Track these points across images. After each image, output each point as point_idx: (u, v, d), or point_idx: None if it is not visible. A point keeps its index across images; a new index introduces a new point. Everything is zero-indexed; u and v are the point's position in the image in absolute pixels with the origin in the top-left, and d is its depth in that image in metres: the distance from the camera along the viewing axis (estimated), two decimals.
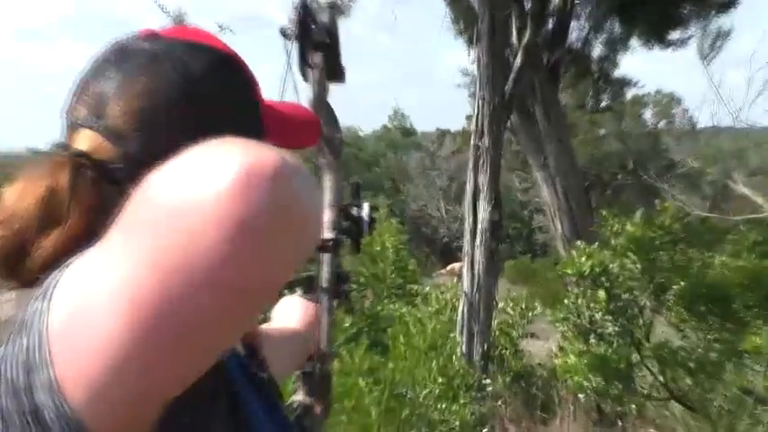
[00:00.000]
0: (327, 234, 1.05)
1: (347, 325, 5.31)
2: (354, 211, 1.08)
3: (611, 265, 5.19)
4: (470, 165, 6.99)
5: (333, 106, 1.05)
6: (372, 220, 1.08)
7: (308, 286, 1.20)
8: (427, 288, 9.87)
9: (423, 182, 31.19)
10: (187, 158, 0.54)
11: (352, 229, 1.08)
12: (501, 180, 7.07)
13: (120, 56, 0.73)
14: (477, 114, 6.81)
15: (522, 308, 8.49)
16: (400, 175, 33.88)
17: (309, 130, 0.90)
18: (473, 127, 6.92)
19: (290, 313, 1.21)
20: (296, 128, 0.86)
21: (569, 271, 5.47)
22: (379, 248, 8.15)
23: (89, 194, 0.67)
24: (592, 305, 5.42)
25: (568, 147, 8.50)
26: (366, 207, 1.08)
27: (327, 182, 1.06)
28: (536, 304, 8.79)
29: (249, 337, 0.89)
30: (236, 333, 0.59)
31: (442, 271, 25.24)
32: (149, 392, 0.53)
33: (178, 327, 0.51)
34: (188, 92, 0.71)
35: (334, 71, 1.02)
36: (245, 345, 0.89)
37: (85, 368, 0.51)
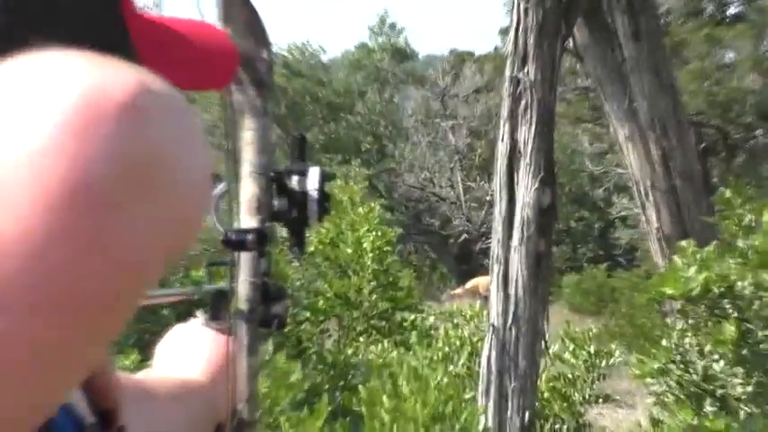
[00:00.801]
0: (246, 221, 1.05)
1: (295, 378, 5.32)
2: (294, 182, 1.08)
3: (740, 283, 5.23)
4: (505, 112, 7.00)
5: (258, 8, 1.05)
6: (325, 198, 1.08)
7: (216, 308, 1.22)
8: (431, 318, 9.89)
9: (427, 139, 31.33)
10: None
11: (290, 213, 1.09)
12: (557, 138, 7.11)
13: None
14: (518, 27, 6.79)
15: (590, 352, 8.56)
16: (389, 127, 33.93)
17: (218, 60, 0.90)
18: (509, 47, 6.91)
19: (183, 353, 1.22)
20: (194, 55, 0.88)
21: (670, 291, 5.50)
22: (350, 250, 8.18)
23: None
24: (709, 348, 5.46)
25: (671, 82, 8.53)
26: (315, 175, 1.09)
27: (247, 133, 1.06)
28: (614, 347, 8.85)
29: (100, 390, 0.88)
30: (67, 374, 0.59)
31: (458, 290, 25.21)
32: None
33: None
34: None
35: None
36: (94, 405, 0.88)
37: None
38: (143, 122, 0.55)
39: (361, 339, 8.02)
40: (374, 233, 8.24)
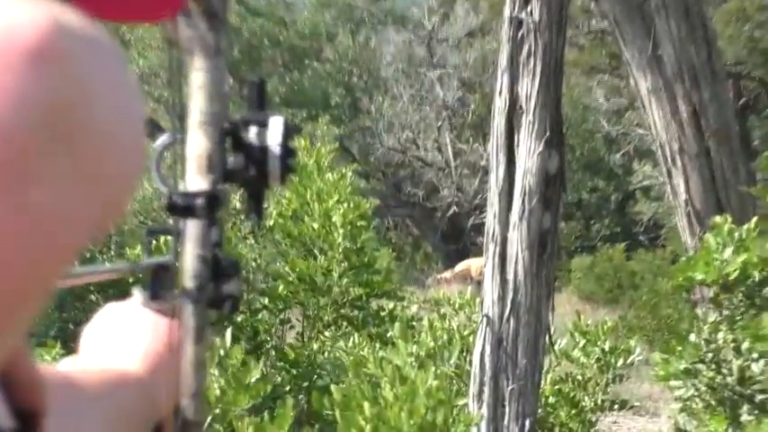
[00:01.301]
0: (194, 181, 1.05)
1: (255, 378, 5.33)
2: (253, 134, 1.08)
3: None
4: (503, 60, 6.99)
5: None
6: (289, 153, 1.08)
7: (157, 285, 1.22)
8: (414, 308, 9.89)
9: (409, 92, 31.27)
10: None
11: (246, 172, 1.09)
12: (566, 92, 7.10)
13: None
14: None
15: (603, 350, 8.61)
16: (363, 77, 33.82)
17: None
18: None
19: (116, 338, 1.23)
20: None
21: (701, 276, 5.53)
22: (317, 225, 8.16)
23: None
24: (746, 345, 5.48)
25: (703, 24, 8.54)
26: (277, 127, 1.08)
27: (196, 75, 1.06)
28: (633, 343, 8.90)
29: (21, 387, 0.88)
30: None
31: (446, 274, 25.25)
32: None
33: None
34: None
35: None
36: (14, 405, 0.88)
37: None
38: (57, 67, 0.55)
39: (328, 333, 8.02)
40: (346, 204, 8.23)
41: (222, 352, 5.33)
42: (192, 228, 1.06)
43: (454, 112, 31.02)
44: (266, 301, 8.08)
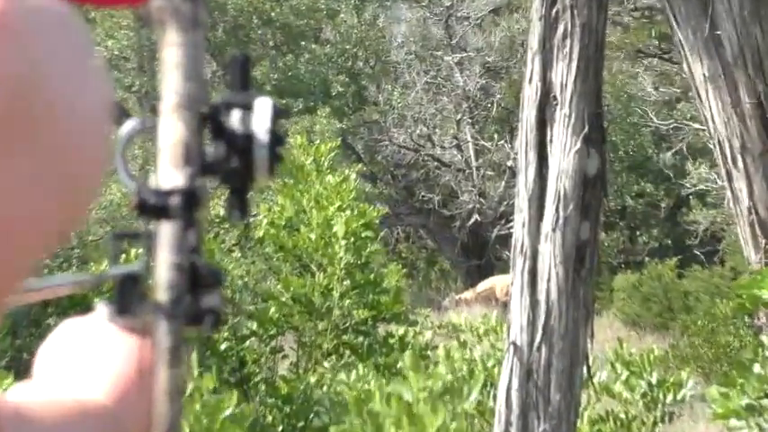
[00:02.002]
0: (168, 175, 1.05)
1: (233, 410, 5.35)
2: (235, 119, 1.08)
3: None
4: (534, 42, 7.01)
5: None
6: (278, 141, 1.08)
7: (125, 298, 1.20)
8: (428, 334, 9.90)
9: (424, 80, 31.28)
10: None
11: (228, 163, 1.08)
12: (607, 80, 7.12)
13: None
14: None
15: (650, 383, 8.61)
16: (370, 62, 33.87)
17: None
18: None
19: (78, 360, 1.22)
20: None
21: (767, 296, 5.53)
22: (314, 236, 8.18)
23: None
24: None
25: None
26: (264, 110, 1.08)
27: (170, 52, 1.06)
28: (685, 375, 8.91)
29: None
30: None
31: (466, 294, 25.19)
32: None
33: None
34: None
35: None
36: None
37: None
38: (11, 44, 0.56)
39: (329, 362, 8.03)
40: (349, 212, 8.25)
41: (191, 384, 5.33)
42: (165, 231, 1.06)
43: (476, 103, 31.06)
44: (255, 325, 8.09)
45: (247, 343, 8.00)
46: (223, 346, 7.52)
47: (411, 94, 31.30)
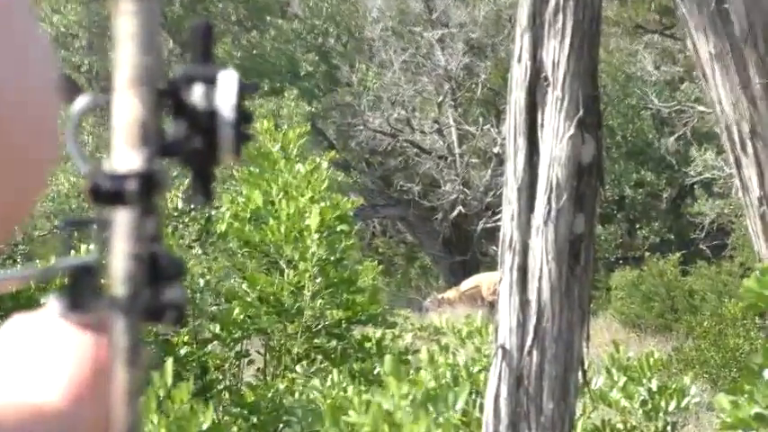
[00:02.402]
0: (124, 157, 1.05)
1: (205, 427, 5.35)
2: (197, 95, 1.08)
3: None
4: (524, 17, 7.02)
5: None
6: (245, 118, 1.07)
7: (78, 291, 1.20)
8: (408, 337, 9.90)
9: (402, 58, 31.28)
10: None
11: (189, 143, 1.08)
12: (603, 58, 7.13)
13: None
14: None
15: (651, 390, 8.64)
16: (342, 39, 33.86)
17: None
18: None
19: (28, 360, 1.22)
20: None
21: None
22: (283, 227, 8.17)
23: None
24: None
25: None
26: (228, 83, 1.08)
27: (125, 21, 1.05)
28: (688, 380, 8.93)
29: None
30: None
31: (449, 293, 25.24)
32: None
33: None
34: None
35: None
36: None
37: None
38: None
39: (300, 368, 8.02)
40: (319, 202, 8.24)
41: (162, 392, 5.32)
42: (121, 218, 1.06)
43: (459, 84, 31.12)
44: (218, 328, 8.07)
45: (209, 347, 8.00)
46: (183, 351, 7.51)
47: (387, 74, 31.34)
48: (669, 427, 8.52)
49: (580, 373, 7.19)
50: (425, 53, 31.35)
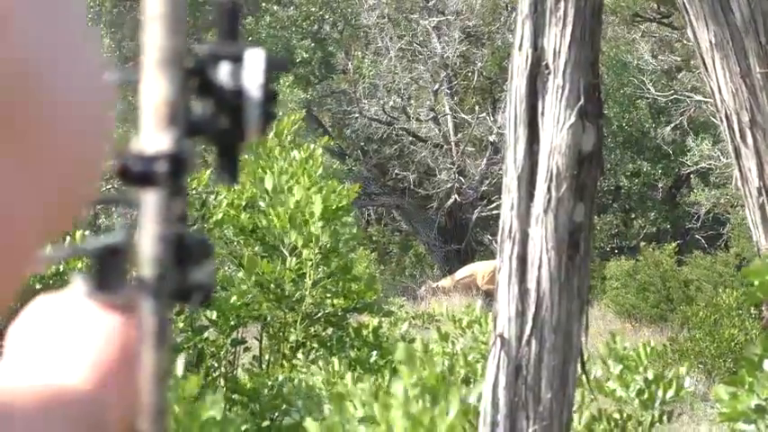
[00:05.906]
0: (152, 138, 1.05)
1: (215, 412, 5.34)
2: (224, 73, 1.07)
3: None
4: (524, 3, 7.01)
5: None
6: (272, 96, 1.07)
7: (106, 272, 1.20)
8: (404, 326, 9.89)
9: (398, 45, 31.26)
10: None
11: (216, 123, 1.07)
12: (603, 47, 7.12)
13: None
14: None
15: (647, 379, 8.64)
16: (338, 25, 33.85)
17: None
18: None
19: (54, 341, 1.22)
20: None
21: None
22: (284, 215, 8.16)
23: None
24: None
25: None
26: (256, 62, 1.07)
27: (153, 2, 1.05)
28: (684, 370, 8.93)
29: None
30: None
31: (444, 281, 25.22)
32: None
33: None
34: None
35: None
36: None
37: None
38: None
39: (300, 356, 8.00)
40: (323, 191, 8.22)
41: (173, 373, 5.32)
42: (150, 199, 1.05)
43: (455, 71, 31.09)
44: (214, 315, 8.05)
45: (205, 334, 7.97)
46: (179, 339, 7.49)
47: (383, 61, 31.31)
48: (665, 417, 8.52)
49: (579, 363, 7.20)
50: (422, 41, 31.32)
